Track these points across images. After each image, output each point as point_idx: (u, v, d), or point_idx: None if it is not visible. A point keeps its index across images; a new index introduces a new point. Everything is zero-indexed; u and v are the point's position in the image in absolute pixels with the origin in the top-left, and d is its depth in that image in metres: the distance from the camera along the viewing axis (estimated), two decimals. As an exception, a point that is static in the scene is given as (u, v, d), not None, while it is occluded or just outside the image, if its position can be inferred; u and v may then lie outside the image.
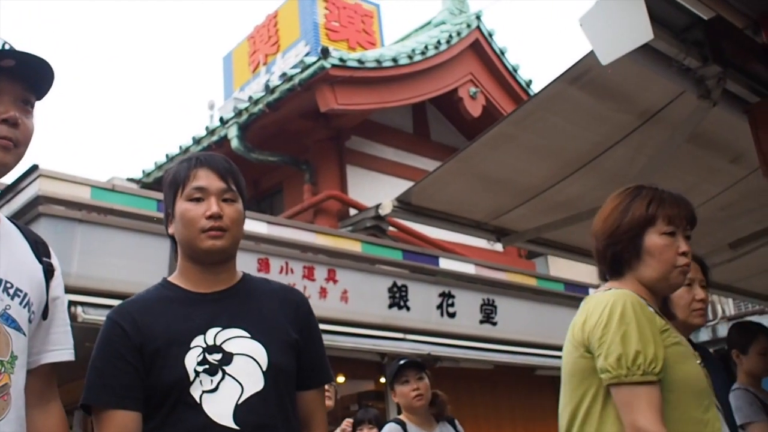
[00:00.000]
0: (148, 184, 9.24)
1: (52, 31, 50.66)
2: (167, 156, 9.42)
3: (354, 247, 6.66)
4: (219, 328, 1.36)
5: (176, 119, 43.03)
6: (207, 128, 8.86)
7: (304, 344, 1.45)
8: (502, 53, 9.76)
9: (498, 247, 3.71)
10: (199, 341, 1.33)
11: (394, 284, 6.75)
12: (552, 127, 2.80)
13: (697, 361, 1.53)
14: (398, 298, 6.75)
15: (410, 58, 8.45)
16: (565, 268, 8.88)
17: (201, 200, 1.40)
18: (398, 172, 8.80)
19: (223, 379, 1.31)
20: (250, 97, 8.34)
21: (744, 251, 3.76)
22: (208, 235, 1.38)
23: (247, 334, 1.37)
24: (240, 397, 1.31)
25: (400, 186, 4.27)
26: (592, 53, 2.12)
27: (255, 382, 1.33)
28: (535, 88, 9.59)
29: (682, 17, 2.20)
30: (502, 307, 7.57)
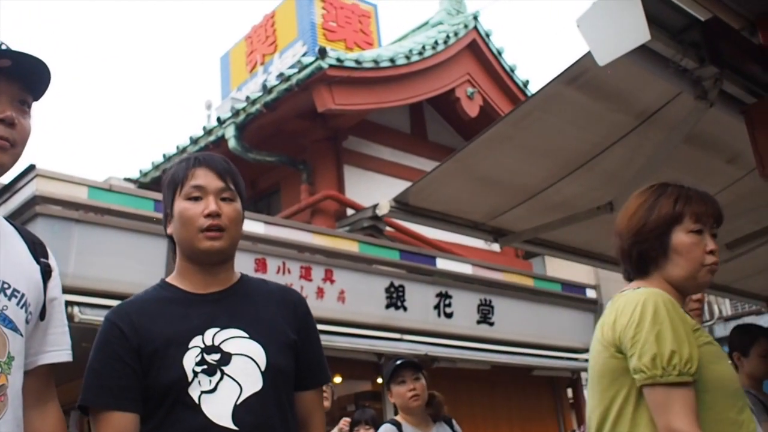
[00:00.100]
0: (145, 184, 9.23)
1: (51, 30, 50.57)
2: (164, 156, 9.41)
3: (351, 247, 6.66)
4: (217, 329, 1.36)
5: (173, 119, 43.02)
6: (204, 128, 8.85)
7: (302, 345, 1.45)
8: (500, 53, 9.77)
9: (495, 247, 3.71)
10: (197, 342, 1.33)
11: (391, 284, 6.75)
12: (549, 128, 2.80)
13: (729, 361, 1.49)
14: (395, 299, 6.75)
15: (407, 58, 8.45)
16: (562, 269, 8.89)
17: (199, 199, 1.40)
18: (395, 173, 8.81)
19: (222, 379, 1.31)
20: (248, 97, 8.33)
21: (741, 252, 3.77)
22: (206, 236, 1.37)
23: (246, 335, 1.37)
24: (239, 397, 1.31)
25: (397, 186, 4.27)
26: (589, 54, 2.13)
27: (254, 383, 1.33)
28: (533, 88, 9.61)
29: (679, 18, 2.21)
30: (499, 308, 7.58)
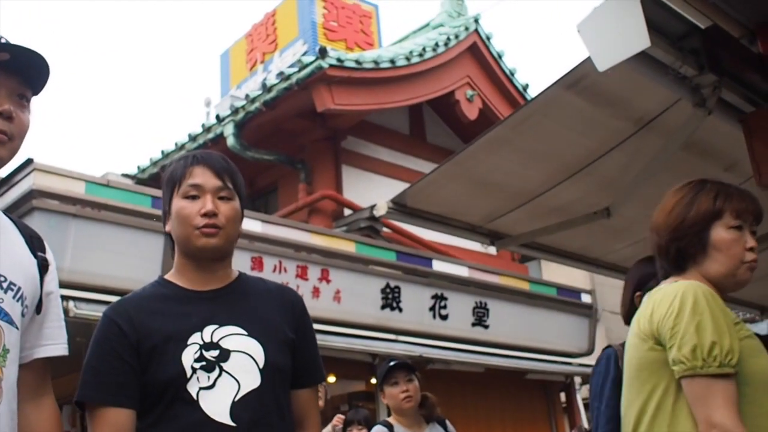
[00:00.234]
0: (143, 180, 9.21)
1: (50, 26, 50.48)
2: (162, 152, 9.39)
3: (348, 247, 6.66)
4: (216, 326, 1.36)
5: (173, 116, 42.93)
6: (203, 125, 8.84)
7: (299, 344, 1.45)
8: (500, 57, 9.78)
9: (492, 250, 3.72)
10: (196, 338, 1.33)
11: (387, 285, 6.75)
12: (548, 132, 2.81)
13: None
14: (391, 299, 6.76)
15: (408, 59, 8.46)
16: (558, 273, 8.90)
17: (197, 198, 1.40)
18: (394, 174, 8.81)
19: (220, 375, 1.31)
20: (247, 95, 8.33)
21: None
22: (202, 233, 1.38)
23: (244, 332, 1.37)
24: (237, 394, 1.31)
25: (395, 187, 4.27)
26: (589, 59, 2.13)
27: (252, 380, 1.33)
28: (532, 92, 9.62)
29: (679, 25, 2.22)
30: (495, 311, 7.58)
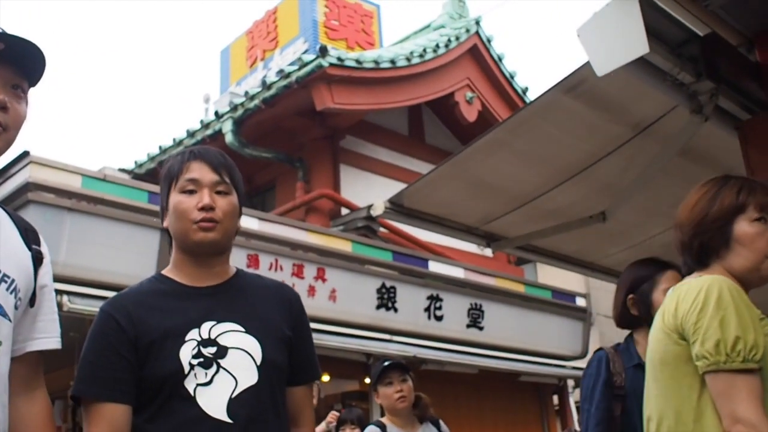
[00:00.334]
0: (139, 175, 9.19)
1: (50, 19, 50.35)
2: (160, 148, 9.38)
3: (344, 246, 6.66)
4: (214, 322, 1.36)
5: (171, 111, 42.84)
6: (202, 122, 8.83)
7: (296, 341, 1.46)
8: (500, 59, 9.79)
9: (488, 252, 3.73)
10: (193, 334, 1.33)
11: (383, 285, 6.75)
12: (546, 136, 2.82)
13: None
14: (386, 300, 6.76)
15: (408, 60, 8.46)
16: (553, 276, 8.92)
17: (194, 192, 1.40)
18: (392, 174, 8.81)
19: (218, 372, 1.32)
20: (246, 93, 8.32)
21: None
22: (199, 227, 1.38)
23: (242, 329, 1.37)
24: (234, 390, 1.31)
25: (393, 187, 4.27)
26: (588, 64, 2.14)
27: (249, 377, 1.33)
28: (532, 95, 9.63)
29: (678, 32, 2.23)
30: (490, 312, 7.59)
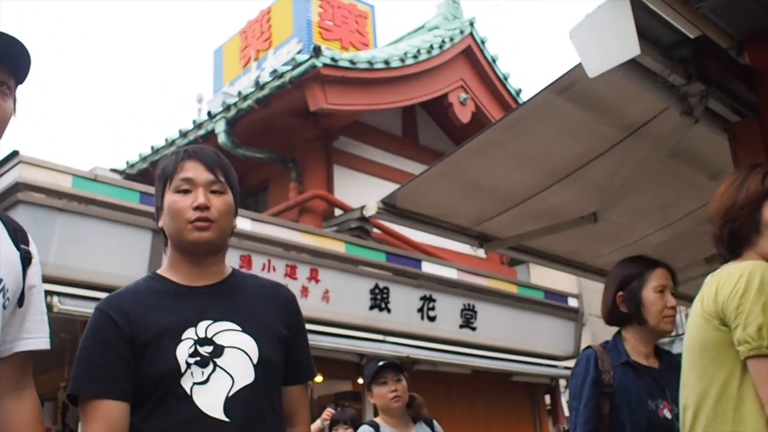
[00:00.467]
0: (131, 176, 9.16)
1: (41, 19, 50.07)
2: (152, 148, 9.34)
3: (337, 247, 6.66)
4: (210, 321, 1.36)
5: (164, 111, 42.71)
6: (194, 122, 8.81)
7: (291, 341, 1.46)
8: (494, 61, 9.81)
9: (480, 253, 3.73)
10: (190, 333, 1.33)
11: (376, 286, 6.76)
12: (538, 137, 2.83)
13: None
14: (379, 300, 6.76)
15: (402, 61, 8.47)
16: (546, 277, 8.95)
17: (188, 192, 1.40)
18: (385, 175, 8.82)
19: (214, 371, 1.32)
20: (240, 93, 8.31)
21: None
22: (194, 226, 1.38)
23: (238, 328, 1.37)
24: (230, 389, 1.32)
25: (386, 188, 4.27)
26: (580, 66, 2.15)
27: (245, 375, 1.34)
28: (525, 97, 9.65)
29: (669, 35, 2.24)
30: (482, 313, 7.61)
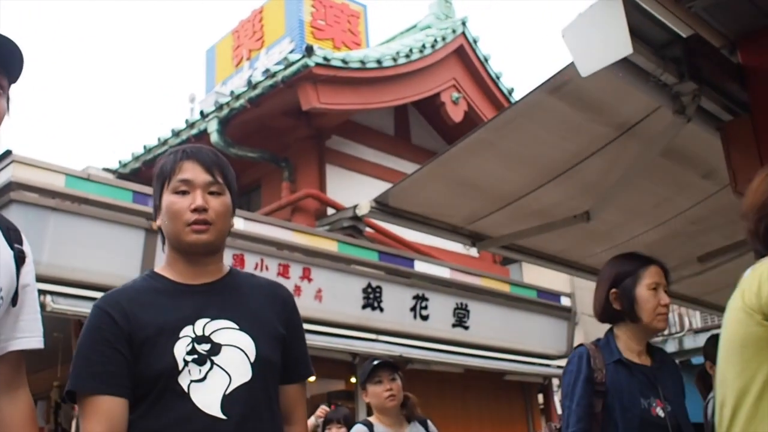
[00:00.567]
0: (124, 175, 9.11)
1: (34, 19, 49.73)
2: (145, 147, 9.30)
3: (330, 246, 6.66)
4: (208, 319, 1.36)
5: (156, 111, 42.52)
6: (187, 121, 8.78)
7: (289, 339, 1.47)
8: (486, 60, 9.83)
9: (473, 251, 3.74)
10: (188, 331, 1.33)
11: (369, 285, 6.76)
12: (531, 136, 2.83)
13: None
14: (372, 299, 6.76)
15: (394, 60, 8.47)
16: (538, 276, 8.98)
17: (186, 193, 1.39)
18: (378, 174, 8.82)
19: (212, 369, 1.32)
20: (232, 92, 8.28)
21: (712, 265, 3.84)
22: (192, 229, 1.38)
23: (236, 326, 1.38)
24: (227, 387, 1.32)
25: (379, 187, 4.28)
26: (572, 65, 2.16)
27: (243, 374, 1.34)
28: (517, 96, 9.68)
29: (662, 34, 2.25)
30: (475, 312, 7.62)
